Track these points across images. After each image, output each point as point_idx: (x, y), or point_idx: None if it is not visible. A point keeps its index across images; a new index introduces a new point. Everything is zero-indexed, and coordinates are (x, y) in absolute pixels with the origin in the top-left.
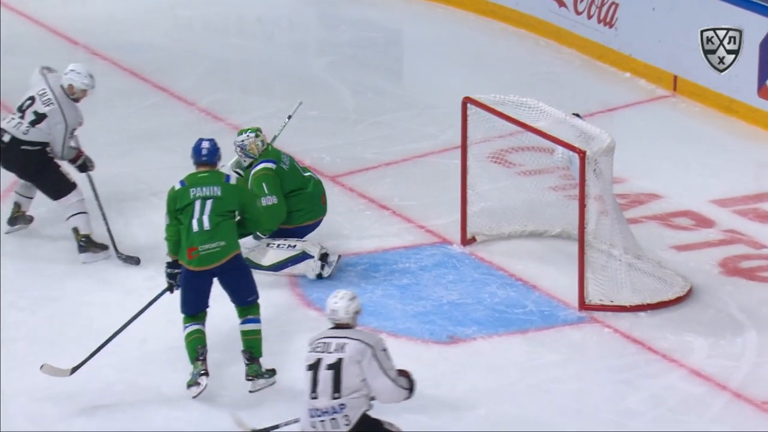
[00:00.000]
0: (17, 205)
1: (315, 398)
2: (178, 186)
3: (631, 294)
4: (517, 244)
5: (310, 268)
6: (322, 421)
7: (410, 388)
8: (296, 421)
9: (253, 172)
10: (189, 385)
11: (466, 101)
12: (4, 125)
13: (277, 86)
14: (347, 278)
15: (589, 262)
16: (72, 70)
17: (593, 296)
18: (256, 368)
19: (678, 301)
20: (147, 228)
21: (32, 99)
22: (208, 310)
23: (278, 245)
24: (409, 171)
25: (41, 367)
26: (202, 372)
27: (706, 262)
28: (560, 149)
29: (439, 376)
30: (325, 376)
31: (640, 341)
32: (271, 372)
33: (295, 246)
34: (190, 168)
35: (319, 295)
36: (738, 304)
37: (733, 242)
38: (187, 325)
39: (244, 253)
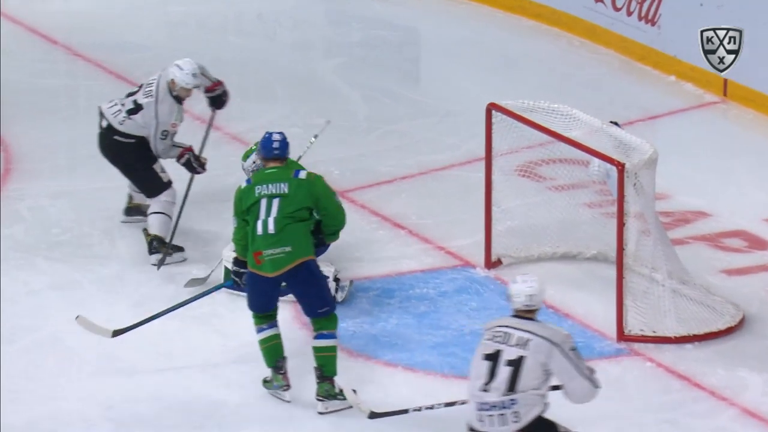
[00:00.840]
0: (129, 197)
1: (486, 391)
2: (244, 184)
3: (676, 324)
4: (547, 267)
5: None
6: (490, 415)
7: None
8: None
9: None
10: (265, 385)
11: (491, 108)
12: (104, 109)
13: (279, 91)
14: (359, 305)
15: (629, 288)
16: (176, 65)
17: (633, 326)
18: (327, 388)
19: (729, 331)
20: (134, 247)
21: (140, 87)
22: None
23: None
24: (427, 186)
25: (77, 317)
26: (285, 387)
27: (761, 288)
28: (596, 161)
29: (461, 416)
30: (503, 372)
31: (686, 377)
32: (344, 395)
33: None
34: (182, 180)
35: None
36: None
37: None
38: (259, 327)
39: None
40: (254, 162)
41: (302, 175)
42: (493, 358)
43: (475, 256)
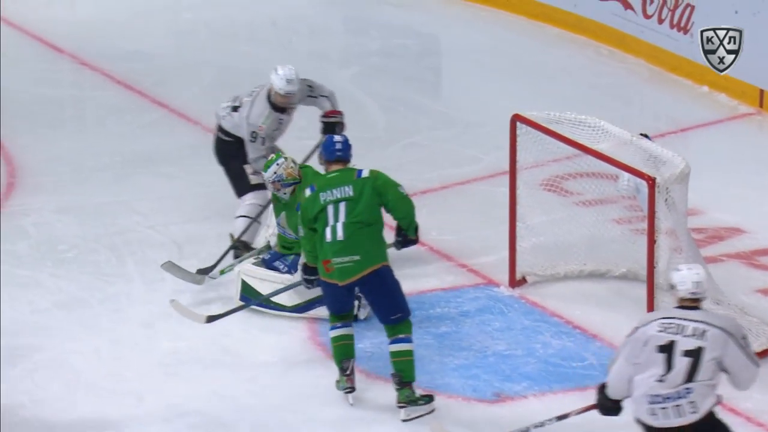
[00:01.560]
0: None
1: (661, 382)
2: (308, 192)
3: None
4: (574, 286)
5: None
6: (664, 408)
7: None
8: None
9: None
10: (336, 385)
11: (516, 119)
12: (219, 107)
13: None
14: (376, 325)
15: (660, 308)
16: (275, 69)
17: None
18: (408, 393)
19: (765, 354)
20: (143, 266)
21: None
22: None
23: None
24: (448, 200)
25: (171, 301)
26: (348, 389)
27: None
28: (626, 176)
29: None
30: (681, 362)
31: (720, 402)
32: (427, 398)
33: None
34: (193, 196)
35: None
36: None
37: None
38: (333, 325)
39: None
40: (275, 173)
41: (365, 173)
42: (667, 349)
43: (498, 274)
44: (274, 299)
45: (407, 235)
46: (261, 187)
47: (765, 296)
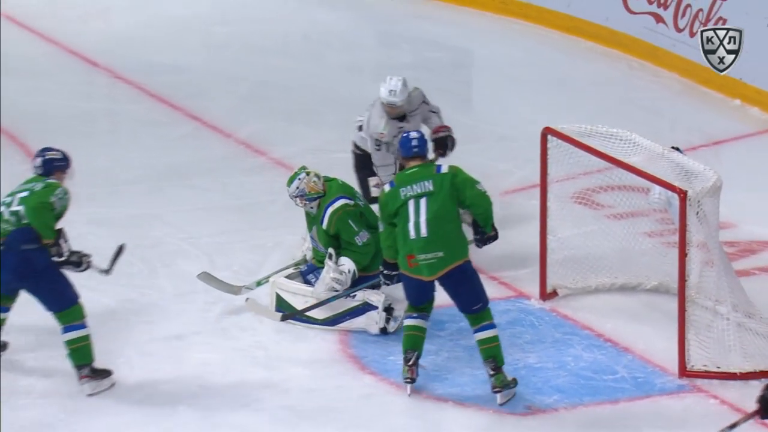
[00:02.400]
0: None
1: None
2: (387, 188)
3: (742, 359)
4: (605, 299)
5: (372, 321)
6: None
7: None
8: None
9: (330, 211)
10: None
11: (547, 132)
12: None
13: (326, 114)
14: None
15: (692, 321)
16: (384, 80)
17: (696, 361)
18: (502, 378)
19: None
20: (175, 277)
21: None
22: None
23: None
24: None
25: (246, 300)
26: (407, 379)
27: None
28: (657, 189)
29: None
30: None
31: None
32: (515, 382)
33: (355, 296)
34: (225, 208)
35: (375, 358)
36: None
37: None
38: (408, 314)
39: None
40: (297, 187)
41: (444, 169)
42: None
43: (529, 286)
44: (305, 314)
45: (485, 232)
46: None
47: None
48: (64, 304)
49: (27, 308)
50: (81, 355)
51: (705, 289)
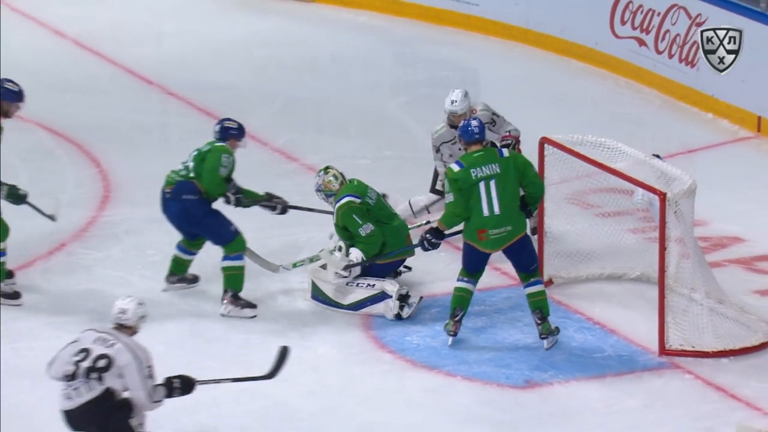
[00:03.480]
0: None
1: None
2: (456, 167)
3: (714, 339)
4: (595, 287)
5: (389, 308)
6: None
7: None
8: None
9: (337, 206)
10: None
11: (544, 141)
12: None
13: (351, 126)
14: (422, 321)
15: (670, 307)
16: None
17: (674, 341)
18: (547, 326)
19: (762, 347)
20: (218, 267)
21: None
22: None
23: (357, 284)
24: None
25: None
26: (451, 332)
27: None
28: (640, 191)
29: (516, 422)
30: None
31: (722, 388)
32: (558, 330)
33: (374, 285)
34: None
35: (393, 338)
36: None
37: None
38: (461, 278)
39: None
40: (316, 183)
41: (505, 152)
42: None
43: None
44: (334, 299)
45: (531, 210)
46: (439, 193)
47: (762, 296)
48: (226, 239)
49: None
50: (231, 280)
51: (681, 279)
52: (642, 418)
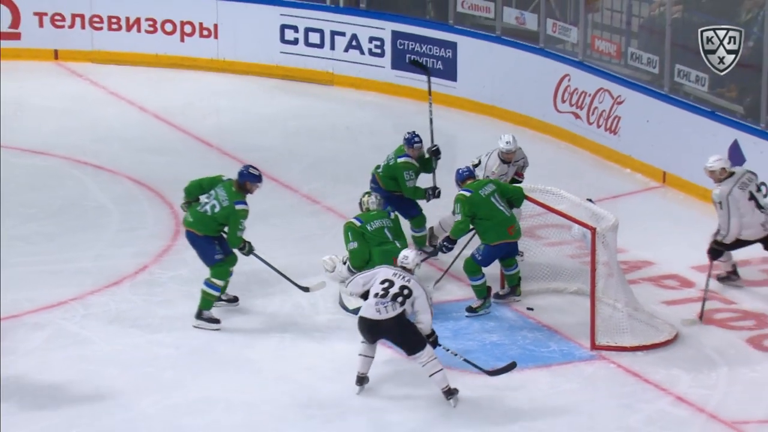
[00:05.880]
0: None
1: None
2: (468, 194)
3: (631, 337)
4: (542, 297)
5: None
6: None
7: None
8: None
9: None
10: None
11: None
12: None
13: (360, 177)
14: (453, 316)
15: (599, 313)
16: (500, 137)
17: (601, 339)
18: (519, 291)
19: (667, 343)
20: (258, 283)
21: None
22: None
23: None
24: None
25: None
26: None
27: (688, 314)
28: (576, 226)
29: (483, 399)
30: None
31: (638, 374)
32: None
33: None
34: (292, 239)
35: None
36: (712, 346)
37: (708, 299)
38: (479, 276)
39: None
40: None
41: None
42: None
43: (493, 290)
44: (344, 303)
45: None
46: None
47: (667, 305)
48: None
49: None
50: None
51: (607, 292)
52: (578, 397)
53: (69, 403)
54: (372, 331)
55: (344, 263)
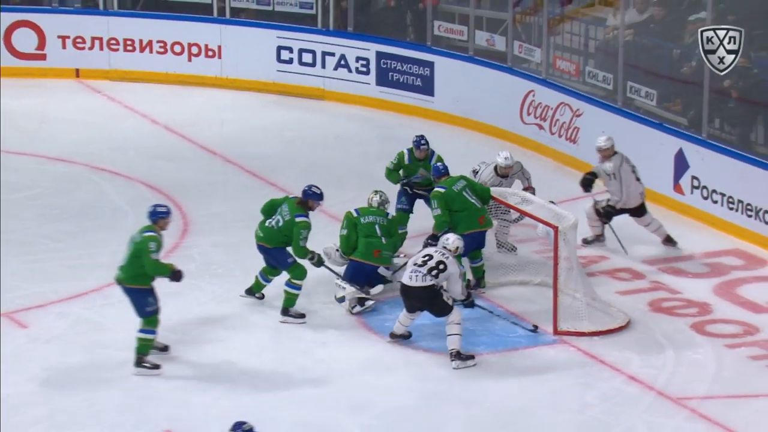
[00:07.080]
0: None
1: None
2: (443, 190)
3: (589, 324)
4: (510, 288)
5: (348, 304)
6: None
7: None
8: None
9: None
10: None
11: None
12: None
13: (349, 182)
14: (397, 312)
15: (560, 302)
16: (498, 153)
17: (563, 325)
18: (483, 283)
19: (620, 329)
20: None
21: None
22: None
23: (341, 286)
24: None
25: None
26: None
27: (639, 302)
28: (541, 226)
29: (459, 374)
30: None
31: (594, 356)
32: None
33: (344, 288)
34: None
35: (376, 323)
36: (660, 331)
37: (657, 289)
38: (479, 259)
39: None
40: None
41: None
42: None
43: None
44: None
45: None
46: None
47: (621, 295)
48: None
49: None
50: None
51: (568, 284)
52: (541, 376)
53: (88, 383)
54: (406, 294)
55: (337, 250)
